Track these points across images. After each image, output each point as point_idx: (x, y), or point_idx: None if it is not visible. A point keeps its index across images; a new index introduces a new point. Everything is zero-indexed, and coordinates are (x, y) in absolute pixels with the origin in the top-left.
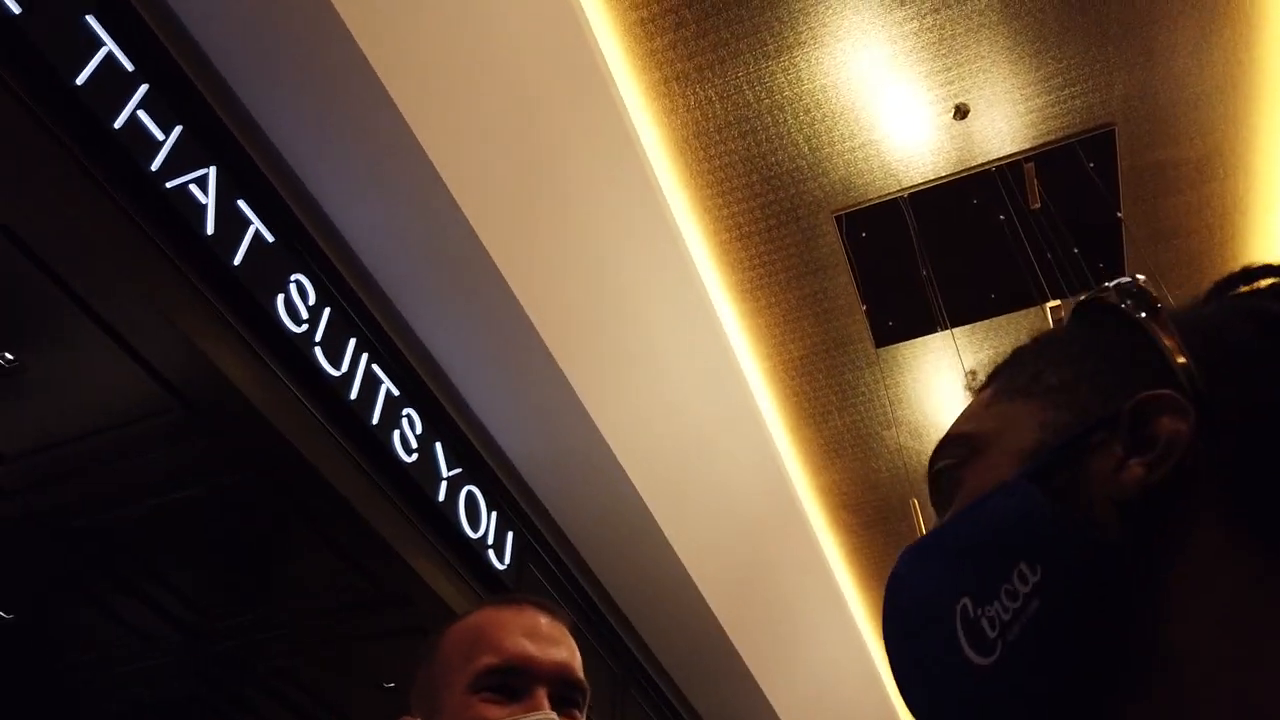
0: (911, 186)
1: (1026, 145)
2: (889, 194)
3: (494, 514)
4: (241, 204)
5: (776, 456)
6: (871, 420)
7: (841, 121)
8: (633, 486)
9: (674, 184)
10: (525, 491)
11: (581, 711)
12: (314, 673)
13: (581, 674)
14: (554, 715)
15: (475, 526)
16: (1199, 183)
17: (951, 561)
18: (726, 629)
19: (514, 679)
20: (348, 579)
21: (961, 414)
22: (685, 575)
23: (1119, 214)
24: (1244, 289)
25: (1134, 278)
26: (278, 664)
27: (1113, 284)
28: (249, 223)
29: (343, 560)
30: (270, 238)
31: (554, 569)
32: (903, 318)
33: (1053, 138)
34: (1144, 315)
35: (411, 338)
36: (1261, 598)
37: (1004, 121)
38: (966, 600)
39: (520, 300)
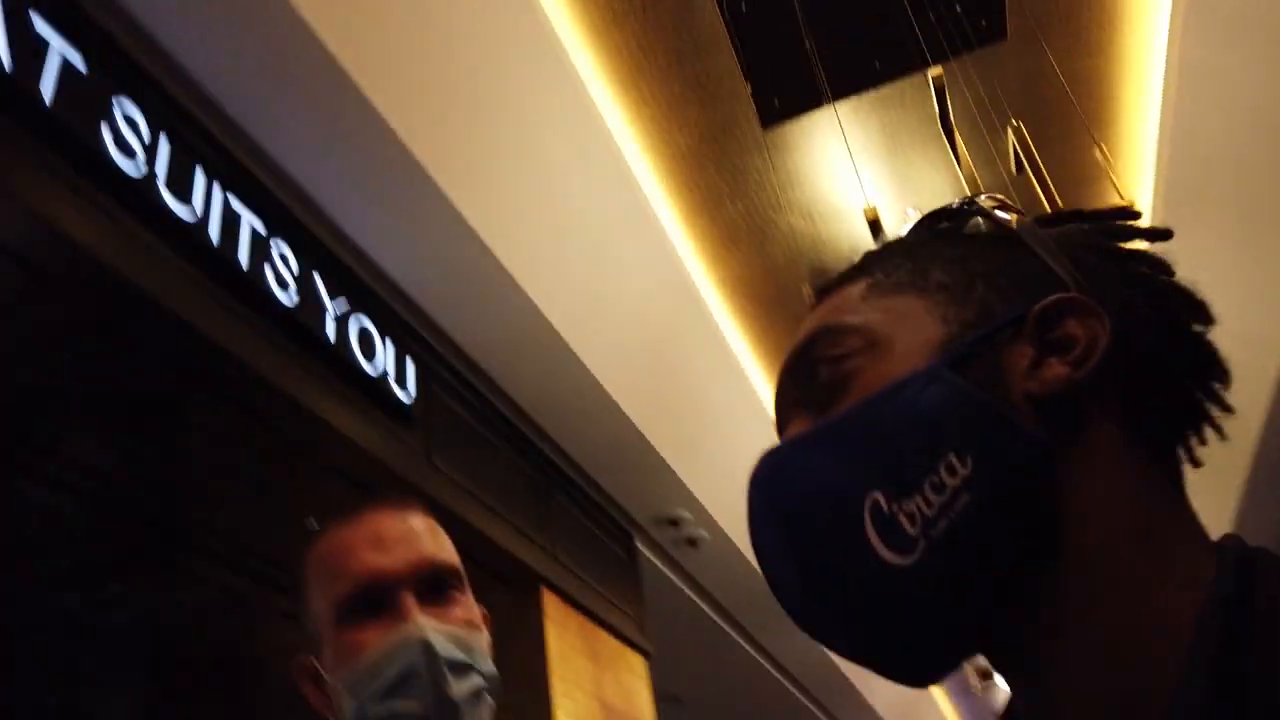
0: None
1: None
2: None
3: (390, 344)
4: (38, 20)
5: (673, 250)
6: (764, 204)
7: None
8: (528, 298)
9: None
10: (420, 317)
11: (461, 590)
12: (235, 525)
13: (445, 554)
14: (418, 620)
15: (372, 359)
16: None
17: (857, 455)
18: (638, 423)
19: (372, 595)
20: (249, 432)
21: (827, 306)
22: (593, 380)
23: None
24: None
25: (992, 197)
26: (196, 518)
27: (976, 200)
28: (48, 45)
29: (240, 413)
30: (83, 68)
31: (461, 392)
32: (788, 95)
33: None
34: (1024, 227)
35: (271, 165)
36: (1148, 490)
37: None
38: (879, 495)
39: (383, 114)
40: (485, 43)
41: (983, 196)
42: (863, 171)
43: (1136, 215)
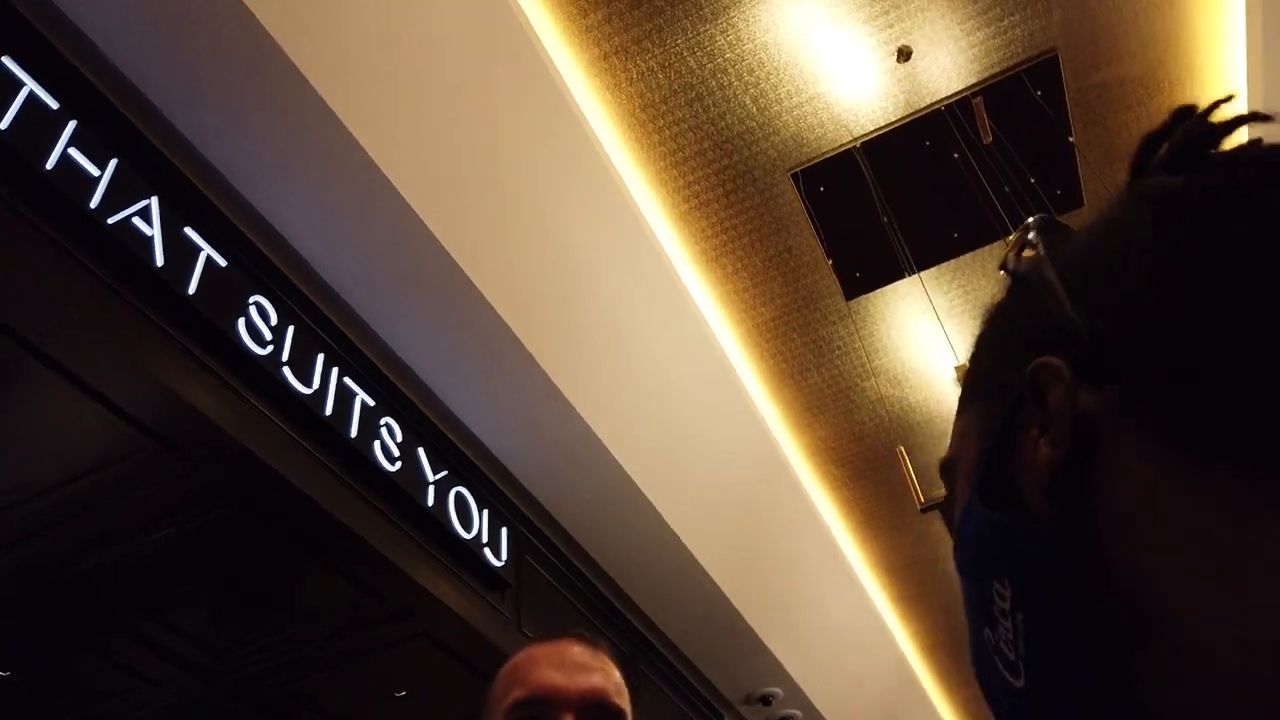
0: (863, 135)
1: (973, 80)
2: (842, 145)
3: (485, 511)
4: (189, 231)
5: (760, 419)
6: (850, 373)
7: (786, 78)
8: (620, 468)
9: (627, 159)
10: (514, 486)
11: None
12: (327, 692)
13: (619, 698)
14: None
15: (468, 527)
16: (1145, 97)
17: (965, 596)
18: (730, 596)
19: (542, 711)
20: (348, 596)
21: (952, 443)
22: (682, 547)
23: (1070, 139)
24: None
25: (1028, 223)
26: (290, 689)
27: (1010, 238)
28: (199, 249)
29: (341, 578)
30: (222, 262)
31: (552, 559)
32: (869, 267)
33: (998, 70)
34: (1029, 266)
35: (380, 346)
36: (1212, 514)
37: (948, 59)
38: (987, 630)
39: (488, 297)
40: (581, 233)
41: (1020, 230)
42: (950, 334)
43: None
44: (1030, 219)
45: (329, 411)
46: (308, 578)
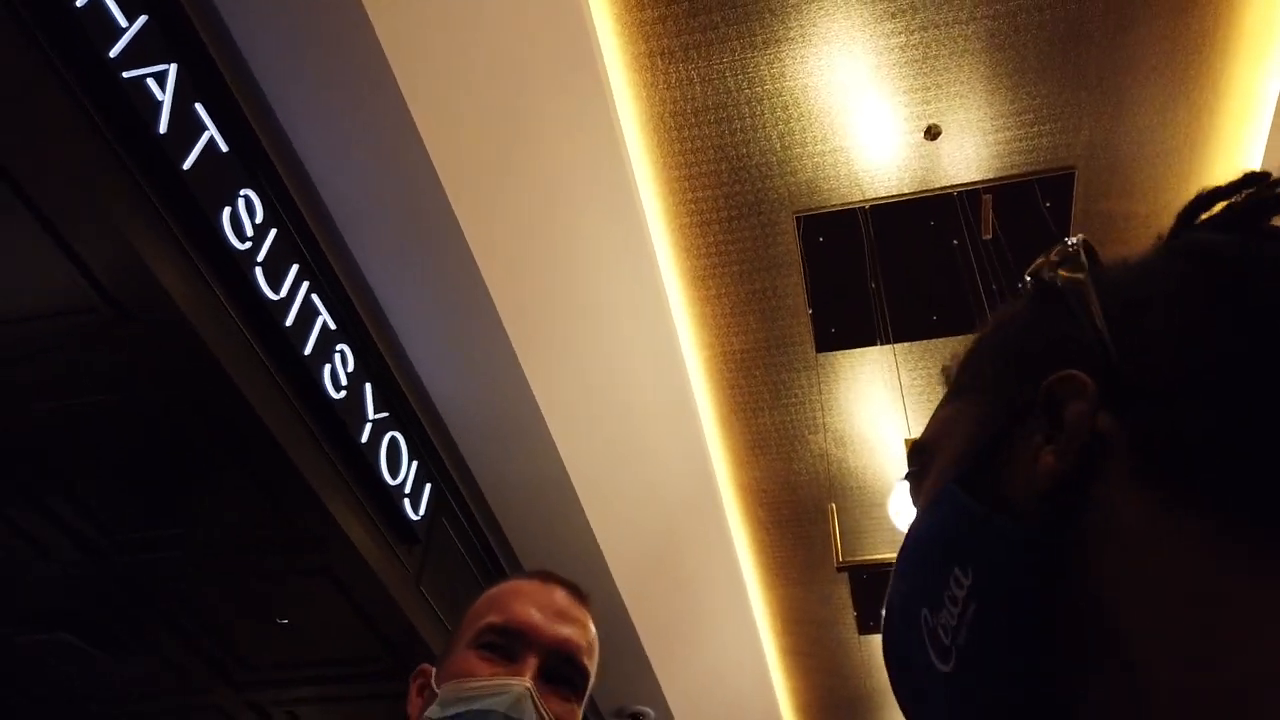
0: (873, 199)
1: (990, 175)
2: (851, 203)
3: (415, 464)
4: (199, 108)
5: (703, 445)
6: (800, 423)
7: (816, 124)
8: (558, 454)
9: (643, 160)
10: (450, 447)
11: (577, 693)
12: (209, 599)
13: (587, 658)
14: (525, 683)
15: (395, 474)
16: (1146, 238)
17: (912, 571)
18: (628, 607)
19: (511, 641)
20: (260, 512)
21: (929, 427)
22: (596, 548)
23: None
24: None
25: (1071, 240)
26: (175, 587)
27: (1051, 251)
28: (204, 128)
29: (257, 492)
30: (224, 147)
31: (466, 526)
32: (846, 326)
33: (1015, 172)
34: (1068, 283)
35: (356, 274)
36: (1212, 560)
37: (971, 148)
38: (926, 609)
39: (474, 253)
40: (581, 216)
41: (1063, 242)
42: (908, 409)
43: (1265, 179)
44: (1070, 238)
45: (289, 323)
46: (224, 484)
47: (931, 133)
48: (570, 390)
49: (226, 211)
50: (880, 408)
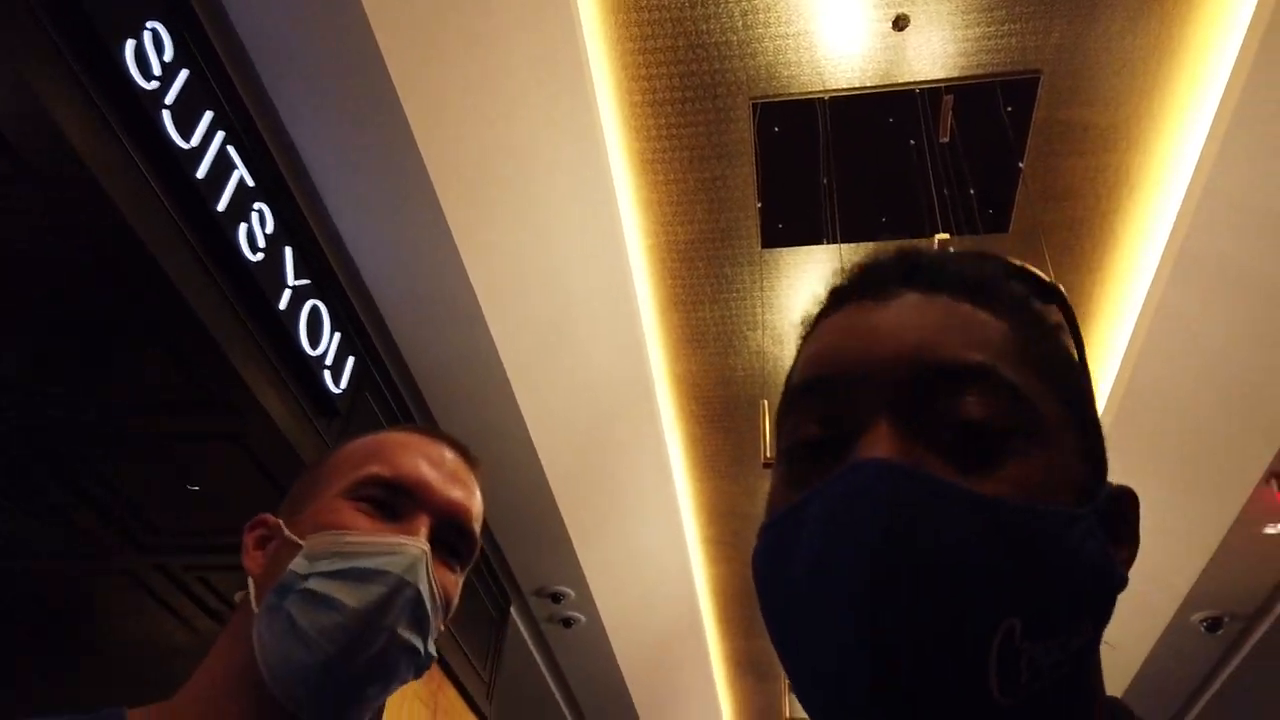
0: (834, 90)
1: (955, 74)
2: (811, 92)
3: (337, 335)
4: None
5: (640, 334)
6: (740, 318)
7: (782, 4)
8: (488, 332)
9: (597, 30)
10: (375, 319)
11: (462, 564)
12: (115, 464)
13: (476, 524)
14: (422, 545)
15: (315, 344)
16: (1100, 150)
17: (1015, 568)
18: (554, 488)
19: (398, 498)
20: (168, 374)
21: (963, 320)
22: (524, 428)
23: (1020, 164)
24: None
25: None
26: (78, 449)
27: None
28: None
29: (166, 353)
30: None
31: (390, 402)
32: (794, 223)
33: (980, 71)
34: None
35: (278, 129)
36: None
37: (938, 43)
38: (1017, 622)
39: (408, 112)
40: (526, 87)
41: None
42: None
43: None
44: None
45: (201, 175)
46: (133, 345)
47: (900, 23)
48: (506, 269)
49: (130, 45)
50: None
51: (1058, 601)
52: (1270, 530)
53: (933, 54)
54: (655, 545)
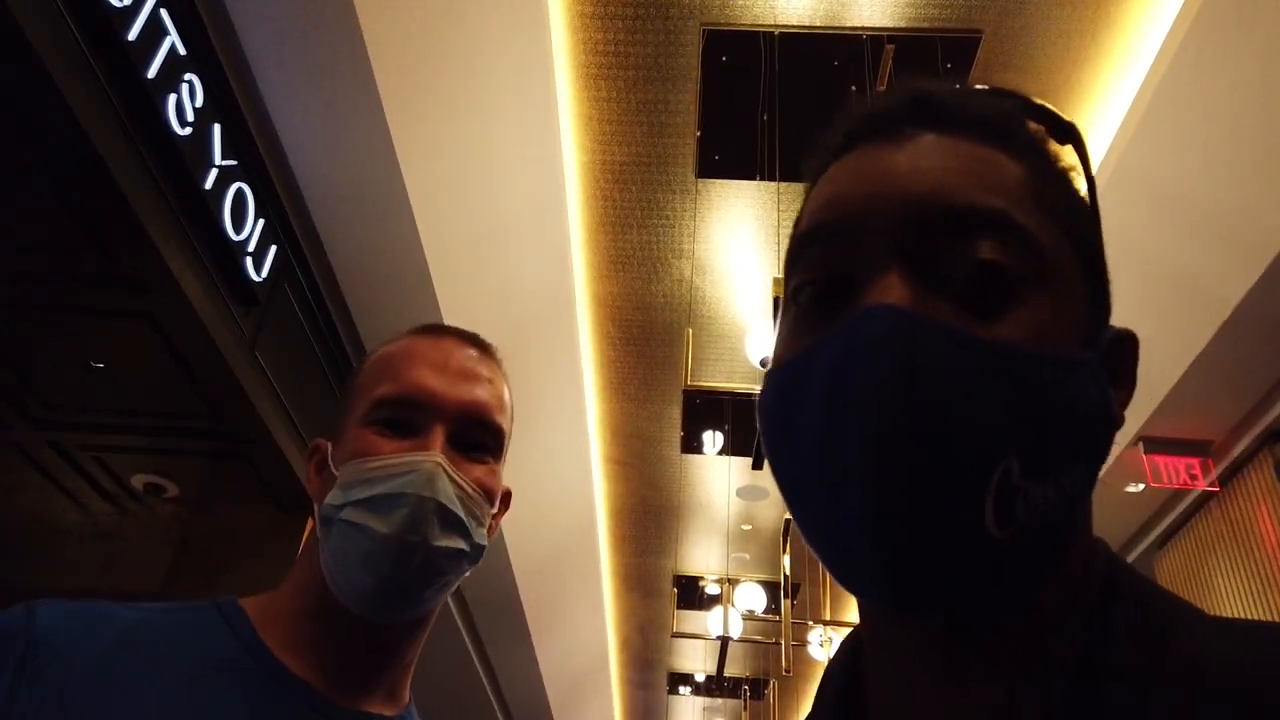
0: (786, 25)
1: (901, 24)
2: (762, 25)
3: (261, 222)
4: None
5: (566, 252)
6: (667, 245)
7: None
8: (418, 236)
9: None
10: (300, 209)
11: (495, 456)
12: (13, 333)
13: (500, 415)
14: (435, 457)
15: (239, 229)
16: None
17: (1017, 409)
18: None
19: (410, 413)
20: (79, 243)
21: (975, 159)
22: None
23: None
24: None
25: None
26: None
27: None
28: None
29: (79, 223)
30: None
31: (309, 297)
32: (730, 155)
33: (924, 25)
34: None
35: (218, 3)
36: None
37: None
38: (1015, 462)
39: (357, 8)
40: None
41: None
42: (781, 250)
43: None
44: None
45: (131, 37)
46: (44, 209)
47: None
48: (439, 169)
49: None
50: (750, 243)
51: (1059, 444)
52: (1131, 489)
53: (884, 1)
54: (559, 460)
